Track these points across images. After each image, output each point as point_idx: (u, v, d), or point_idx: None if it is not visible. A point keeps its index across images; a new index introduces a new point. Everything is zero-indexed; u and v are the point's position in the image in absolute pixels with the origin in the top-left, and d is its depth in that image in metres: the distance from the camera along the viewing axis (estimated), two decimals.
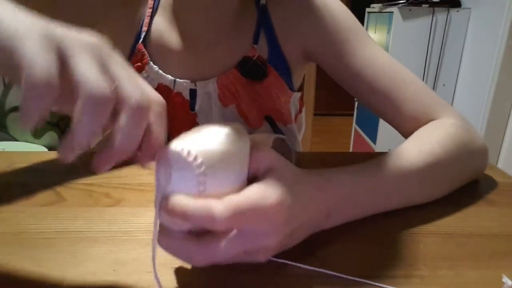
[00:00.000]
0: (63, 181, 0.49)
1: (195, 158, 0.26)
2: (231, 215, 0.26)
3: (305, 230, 0.34)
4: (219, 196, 0.27)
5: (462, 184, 0.48)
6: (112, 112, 0.24)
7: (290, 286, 0.31)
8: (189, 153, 0.26)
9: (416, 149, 0.44)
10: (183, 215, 0.26)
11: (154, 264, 0.28)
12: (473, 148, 0.48)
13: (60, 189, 0.47)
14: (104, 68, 0.24)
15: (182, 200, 0.26)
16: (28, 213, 0.41)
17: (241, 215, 0.27)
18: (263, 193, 0.28)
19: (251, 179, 0.31)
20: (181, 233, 0.28)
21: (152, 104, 0.26)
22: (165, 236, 0.28)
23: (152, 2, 0.60)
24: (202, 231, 0.27)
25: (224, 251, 0.27)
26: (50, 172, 0.53)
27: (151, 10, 0.59)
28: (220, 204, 0.26)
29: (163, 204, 0.26)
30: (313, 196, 0.34)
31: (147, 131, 0.26)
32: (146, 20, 0.59)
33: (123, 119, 0.24)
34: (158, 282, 0.28)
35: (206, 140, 0.28)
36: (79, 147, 0.24)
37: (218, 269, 0.32)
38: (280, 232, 0.30)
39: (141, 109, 0.25)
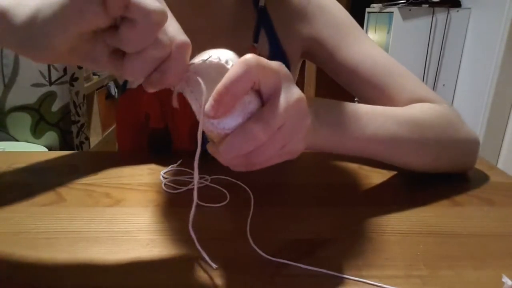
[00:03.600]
0: (63, 181, 0.49)
1: (227, 62, 0.28)
2: (257, 57, 0.27)
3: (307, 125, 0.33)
4: None
5: (447, 165, 0.49)
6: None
7: (290, 286, 0.31)
8: (219, 58, 0.28)
9: (401, 109, 0.47)
10: (224, 87, 0.26)
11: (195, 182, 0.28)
12: (461, 131, 0.49)
13: (60, 189, 0.47)
14: None
15: (218, 87, 0.27)
16: (28, 213, 0.41)
17: (265, 63, 0.28)
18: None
19: None
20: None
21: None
22: (222, 144, 0.28)
23: None
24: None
25: (277, 111, 0.28)
26: (50, 172, 0.53)
27: None
28: (247, 54, 0.27)
29: (207, 107, 0.27)
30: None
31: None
32: None
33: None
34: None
35: (224, 51, 0.29)
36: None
37: (218, 269, 0.32)
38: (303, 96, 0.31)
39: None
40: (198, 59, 0.29)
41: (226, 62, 0.28)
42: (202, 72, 0.28)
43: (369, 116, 0.42)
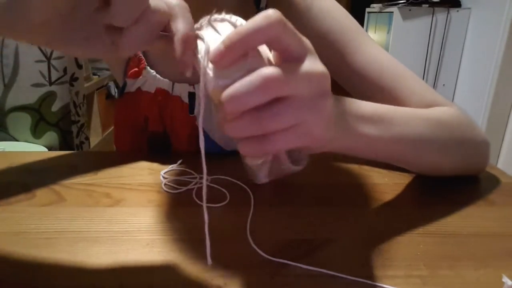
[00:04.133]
0: (63, 181, 0.49)
1: (231, 16, 0.29)
2: (284, 18, 0.26)
3: (333, 122, 0.31)
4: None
5: (465, 167, 0.49)
6: None
7: (290, 286, 0.31)
8: (224, 15, 0.29)
9: (424, 110, 0.46)
10: (238, 34, 0.25)
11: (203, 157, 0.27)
12: (476, 132, 0.49)
13: (60, 189, 0.47)
14: None
15: (231, 32, 0.25)
16: (28, 213, 0.41)
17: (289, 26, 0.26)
18: None
19: None
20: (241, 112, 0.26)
21: None
22: (229, 122, 0.26)
23: None
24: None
25: (290, 99, 0.25)
26: (50, 172, 0.53)
27: None
28: (270, 9, 0.26)
29: (214, 51, 0.25)
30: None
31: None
32: None
33: None
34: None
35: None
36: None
37: (218, 269, 0.32)
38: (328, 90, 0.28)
39: None
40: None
41: (231, 16, 0.28)
42: (208, 28, 0.29)
43: (395, 114, 0.41)
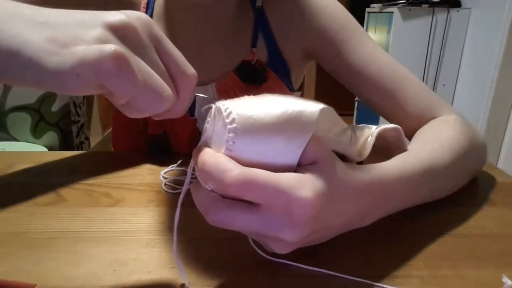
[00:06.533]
0: (63, 181, 0.49)
1: (229, 114, 0.26)
2: (243, 183, 0.24)
3: (335, 231, 0.32)
4: (250, 165, 0.26)
5: (471, 178, 0.49)
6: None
7: (290, 286, 0.31)
8: (225, 109, 0.27)
9: (439, 146, 0.43)
10: (201, 166, 0.26)
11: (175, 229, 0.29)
12: (478, 142, 0.49)
13: (60, 189, 0.47)
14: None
15: (206, 152, 0.26)
16: (28, 213, 0.41)
17: (256, 189, 0.25)
18: (299, 181, 0.26)
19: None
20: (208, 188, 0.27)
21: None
22: (195, 187, 0.28)
23: (144, 10, 0.59)
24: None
25: (238, 222, 0.26)
26: (50, 172, 0.53)
27: None
28: (237, 169, 0.24)
29: (195, 151, 0.27)
30: (352, 200, 0.31)
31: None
32: None
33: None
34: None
35: (258, 105, 0.27)
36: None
37: (218, 269, 0.32)
38: (302, 230, 0.26)
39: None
40: (220, 101, 0.28)
41: (231, 121, 0.26)
42: (211, 112, 0.28)
43: (414, 187, 0.38)
